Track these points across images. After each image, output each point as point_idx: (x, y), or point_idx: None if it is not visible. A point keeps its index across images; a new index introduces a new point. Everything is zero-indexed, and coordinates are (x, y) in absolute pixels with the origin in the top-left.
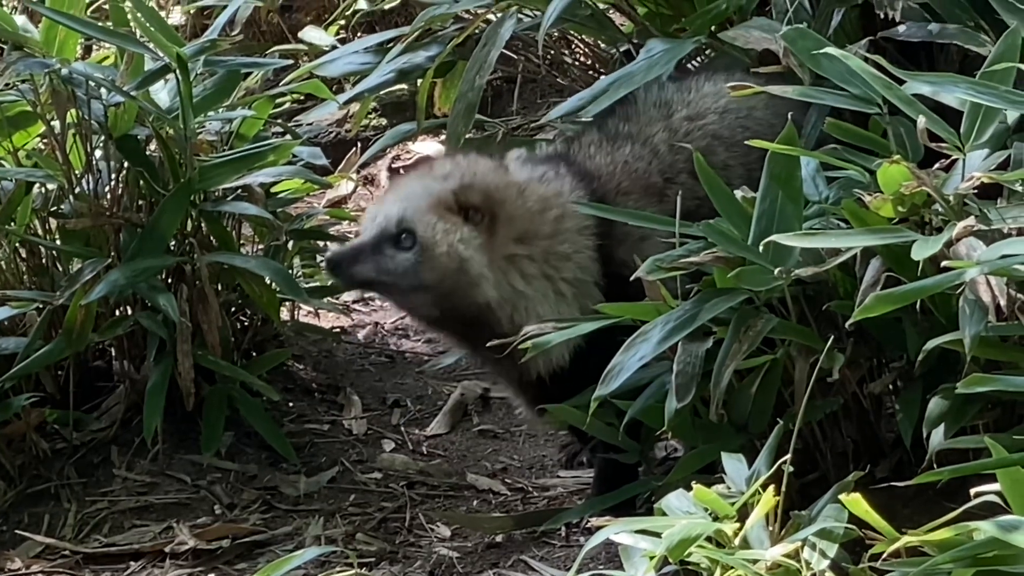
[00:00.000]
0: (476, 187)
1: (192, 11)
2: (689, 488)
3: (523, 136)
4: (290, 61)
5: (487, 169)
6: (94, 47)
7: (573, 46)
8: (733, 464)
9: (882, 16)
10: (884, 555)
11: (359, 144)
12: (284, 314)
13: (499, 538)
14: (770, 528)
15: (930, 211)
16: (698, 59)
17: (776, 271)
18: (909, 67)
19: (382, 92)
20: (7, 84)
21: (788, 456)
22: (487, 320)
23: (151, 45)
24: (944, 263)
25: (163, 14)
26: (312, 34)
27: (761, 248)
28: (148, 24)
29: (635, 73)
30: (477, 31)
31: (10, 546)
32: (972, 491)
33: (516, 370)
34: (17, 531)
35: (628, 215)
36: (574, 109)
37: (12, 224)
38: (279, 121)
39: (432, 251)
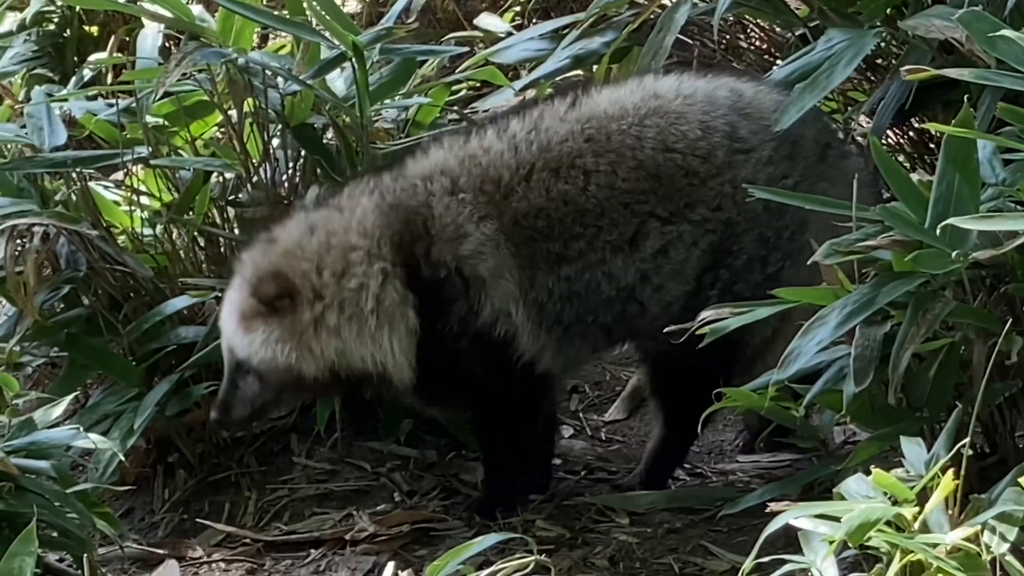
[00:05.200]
0: (265, 278)
1: None
2: (868, 472)
3: None
4: (466, 48)
5: (271, 250)
6: (270, 36)
7: (748, 31)
8: (912, 448)
9: None
10: None
11: None
12: None
13: (678, 523)
14: (949, 512)
15: None
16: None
17: (953, 254)
18: None
19: (558, 78)
20: (184, 74)
21: (967, 439)
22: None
23: (327, 33)
24: None
25: (339, 3)
26: (488, 21)
27: (938, 231)
28: (324, 12)
29: (813, 62)
30: (652, 16)
31: (191, 534)
32: None
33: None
34: (198, 519)
35: (802, 198)
36: None
37: (190, 213)
38: (455, 108)
39: (259, 368)
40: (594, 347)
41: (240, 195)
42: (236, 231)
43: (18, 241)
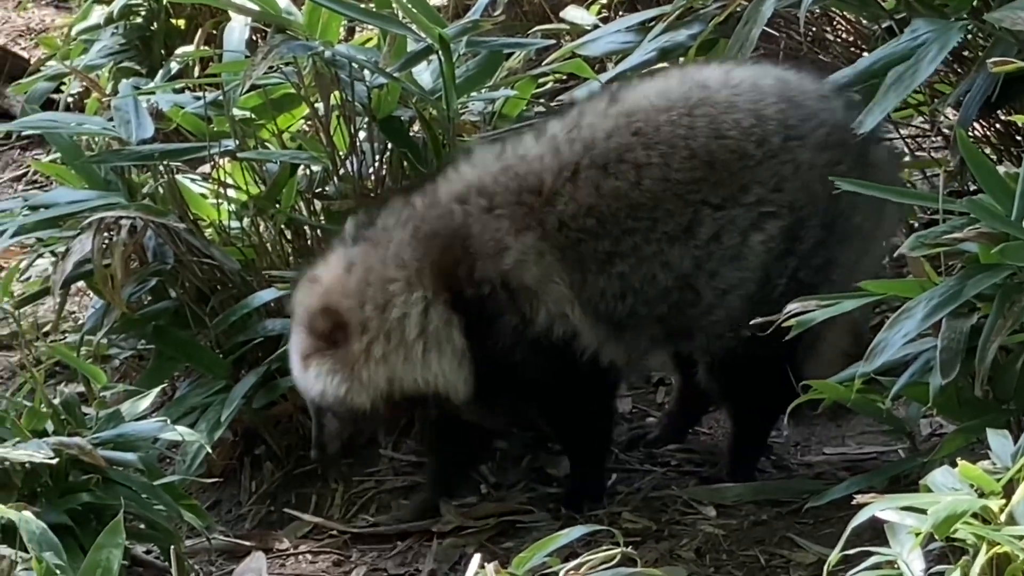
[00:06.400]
0: (315, 315)
1: None
2: (954, 465)
3: None
4: (552, 41)
5: (315, 290)
6: (357, 29)
7: (835, 23)
8: (998, 440)
9: None
10: None
11: None
12: None
13: (764, 516)
14: None
15: None
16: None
17: None
18: None
19: (644, 71)
20: (271, 67)
21: None
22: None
23: (414, 26)
24: None
25: None
26: (574, 13)
27: None
28: (411, 5)
29: (897, 53)
30: (738, 9)
31: (278, 526)
32: None
33: None
34: (285, 511)
35: (895, 192)
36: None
37: (277, 205)
38: (542, 101)
39: (328, 403)
40: (652, 338)
41: (327, 188)
42: (323, 223)
43: (105, 234)
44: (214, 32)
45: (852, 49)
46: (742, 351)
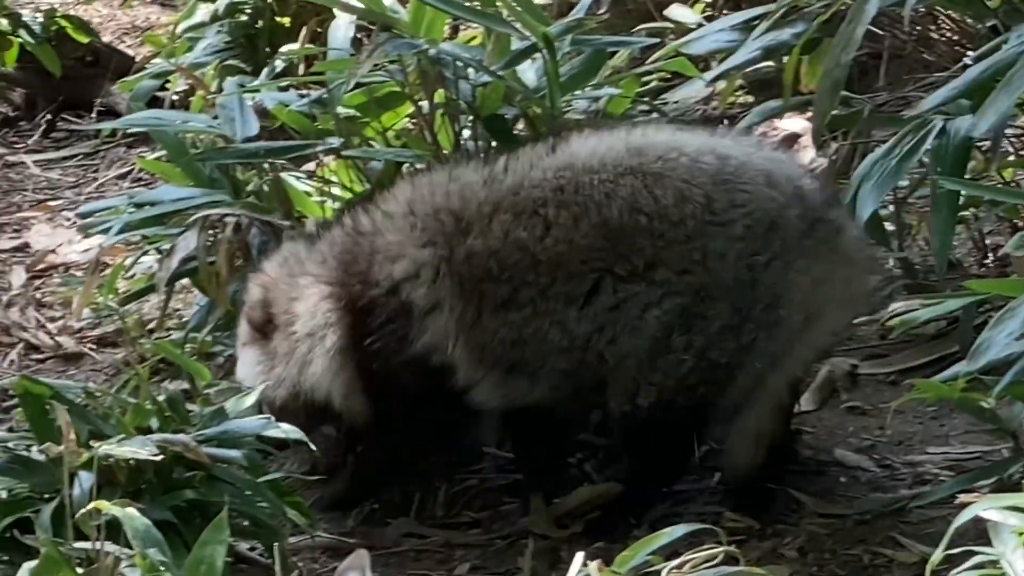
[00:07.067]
0: (256, 304)
1: None
2: None
3: (889, 113)
4: (656, 39)
5: (257, 278)
6: (461, 27)
7: (939, 21)
8: None
9: None
10: None
11: (726, 121)
12: None
13: (868, 515)
14: None
15: None
16: None
17: None
18: None
19: (748, 69)
20: (376, 65)
21: None
22: None
23: (518, 25)
24: None
25: None
26: (678, 12)
27: None
28: (515, 4)
29: (1005, 60)
30: (843, 8)
31: (382, 523)
32: None
33: None
34: (388, 509)
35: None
36: (945, 100)
37: None
38: (646, 99)
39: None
40: (553, 388)
41: None
42: None
43: (210, 232)
44: (319, 30)
45: (956, 48)
46: (645, 417)
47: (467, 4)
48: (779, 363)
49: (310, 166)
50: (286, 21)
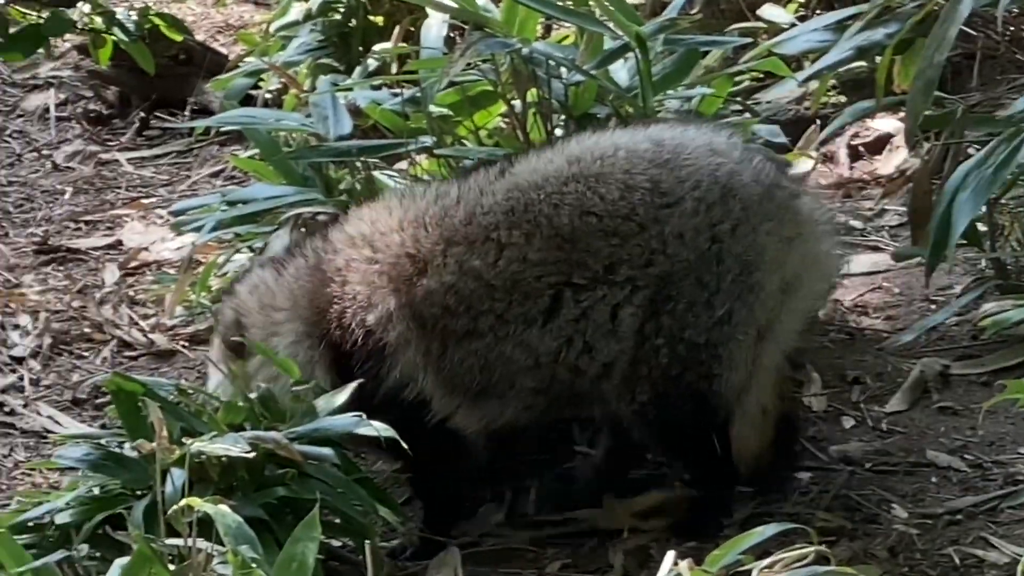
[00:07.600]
0: (231, 325)
1: None
2: None
3: (982, 113)
4: (749, 39)
5: (230, 302)
6: (554, 27)
7: None
8: None
9: None
10: None
11: (818, 122)
12: None
13: (959, 515)
14: None
15: None
16: None
17: None
18: None
19: (841, 69)
20: (469, 64)
21: None
22: None
23: (611, 24)
24: None
25: None
26: (771, 12)
27: None
28: (607, 3)
29: None
30: (936, 8)
31: (473, 521)
32: None
33: None
34: (479, 507)
35: None
36: None
37: None
38: (738, 99)
39: None
40: (528, 407)
41: None
42: None
43: (303, 229)
44: (412, 29)
45: None
46: (652, 415)
47: (560, 3)
48: (767, 334)
49: (402, 164)
50: (379, 20)
